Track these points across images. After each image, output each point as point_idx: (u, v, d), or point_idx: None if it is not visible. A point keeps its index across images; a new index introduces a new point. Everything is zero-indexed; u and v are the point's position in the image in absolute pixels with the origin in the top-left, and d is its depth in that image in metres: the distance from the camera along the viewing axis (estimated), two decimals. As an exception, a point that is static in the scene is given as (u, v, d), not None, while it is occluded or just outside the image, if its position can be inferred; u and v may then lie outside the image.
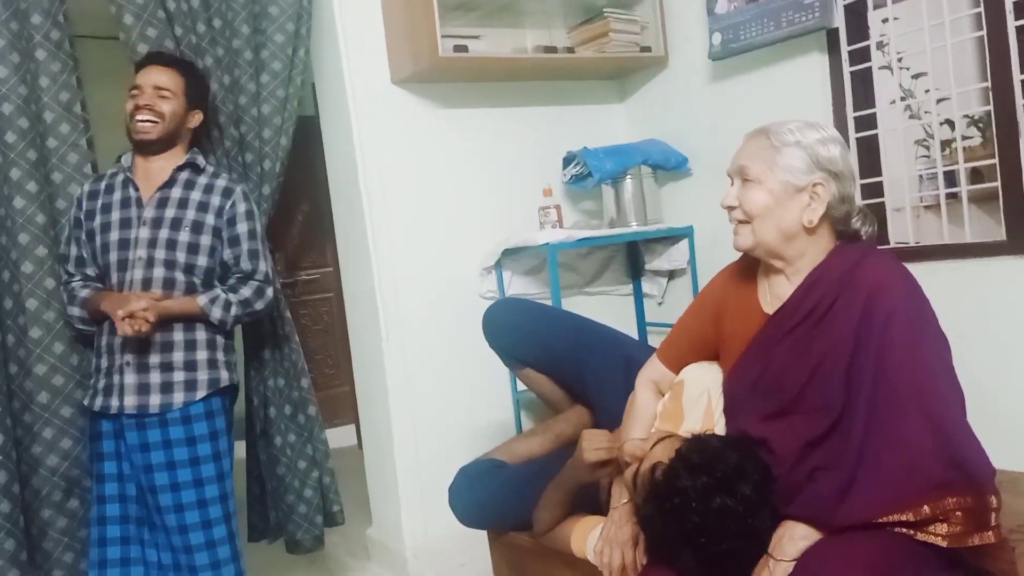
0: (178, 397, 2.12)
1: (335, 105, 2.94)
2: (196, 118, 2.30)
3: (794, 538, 1.35)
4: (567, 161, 3.10)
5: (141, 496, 2.16)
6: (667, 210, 3.17)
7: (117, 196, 2.20)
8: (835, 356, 1.43)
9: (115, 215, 2.18)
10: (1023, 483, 1.87)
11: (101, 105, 2.66)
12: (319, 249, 4.95)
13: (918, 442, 1.30)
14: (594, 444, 1.62)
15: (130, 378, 2.10)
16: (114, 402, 2.11)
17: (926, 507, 1.27)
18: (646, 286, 3.36)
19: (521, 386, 3.02)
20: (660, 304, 3.33)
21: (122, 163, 2.24)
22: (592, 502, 1.74)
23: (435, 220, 2.97)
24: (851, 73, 2.51)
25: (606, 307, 3.27)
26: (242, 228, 2.22)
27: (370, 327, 2.94)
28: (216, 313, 2.16)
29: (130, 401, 2.10)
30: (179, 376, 2.13)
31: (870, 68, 2.48)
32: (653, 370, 1.81)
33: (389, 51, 2.86)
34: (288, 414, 2.65)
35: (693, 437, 1.48)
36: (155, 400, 2.10)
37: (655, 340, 1.93)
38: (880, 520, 1.28)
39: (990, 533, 1.28)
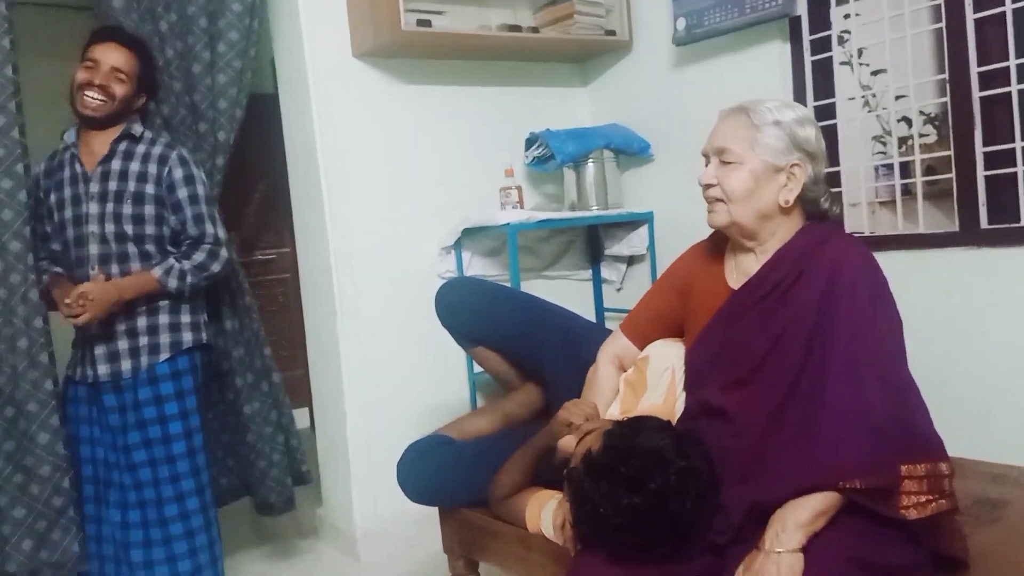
0: (143, 360, 2.23)
1: (294, 79, 2.88)
2: (141, 100, 2.32)
3: (789, 527, 1.27)
4: (529, 143, 3.08)
5: (106, 459, 2.27)
6: (628, 195, 3.17)
7: (67, 173, 2.24)
8: (797, 327, 1.43)
9: (67, 192, 2.23)
10: (969, 468, 1.91)
11: (36, 77, 2.60)
12: (276, 230, 4.85)
13: (877, 406, 1.31)
14: (574, 410, 1.62)
15: (99, 348, 2.21)
16: (88, 371, 2.23)
17: (886, 472, 1.26)
18: (605, 271, 3.36)
19: (477, 367, 3.01)
20: (619, 290, 3.33)
21: (66, 139, 2.26)
22: (550, 475, 1.72)
23: (394, 198, 2.93)
24: (812, 62, 2.53)
25: (565, 291, 3.26)
26: (182, 194, 2.25)
27: (325, 306, 2.90)
28: (172, 283, 2.22)
29: (103, 370, 2.21)
30: (143, 340, 2.23)
31: (831, 57, 2.50)
32: (616, 344, 1.80)
33: (351, 23, 2.81)
34: (251, 382, 2.67)
35: (611, 432, 1.46)
36: (126, 366, 2.22)
37: (613, 326, 1.92)
38: (844, 485, 1.26)
39: (945, 501, 1.29)
